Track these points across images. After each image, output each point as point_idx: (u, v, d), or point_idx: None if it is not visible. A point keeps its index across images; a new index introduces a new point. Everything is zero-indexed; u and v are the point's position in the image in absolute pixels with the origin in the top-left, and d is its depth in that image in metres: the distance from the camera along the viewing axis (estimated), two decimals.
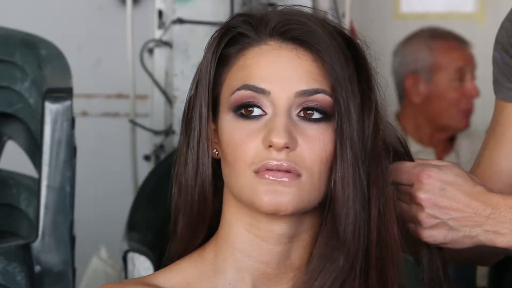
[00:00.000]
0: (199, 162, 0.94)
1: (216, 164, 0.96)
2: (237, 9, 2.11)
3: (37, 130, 1.43)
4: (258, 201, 0.89)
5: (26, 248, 1.37)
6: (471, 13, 3.05)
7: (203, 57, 0.96)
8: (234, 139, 0.91)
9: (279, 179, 0.89)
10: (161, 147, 2.34)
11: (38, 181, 1.39)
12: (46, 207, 1.37)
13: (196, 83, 0.96)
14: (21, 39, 1.57)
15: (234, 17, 0.97)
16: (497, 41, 1.19)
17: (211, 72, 0.94)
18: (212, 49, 0.95)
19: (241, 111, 0.91)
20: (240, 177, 0.90)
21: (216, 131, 0.95)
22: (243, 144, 0.90)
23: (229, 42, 0.95)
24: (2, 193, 1.56)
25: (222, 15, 2.06)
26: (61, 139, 1.39)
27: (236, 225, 0.94)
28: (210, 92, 0.94)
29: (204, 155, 0.94)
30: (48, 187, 1.37)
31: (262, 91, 0.90)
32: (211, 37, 0.96)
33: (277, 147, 0.88)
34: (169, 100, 2.20)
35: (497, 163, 1.19)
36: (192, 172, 0.95)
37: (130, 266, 1.69)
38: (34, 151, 1.47)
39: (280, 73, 0.91)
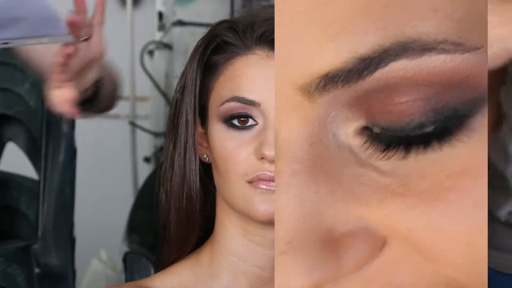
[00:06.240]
0: (186, 169, 0.93)
1: (204, 167, 0.94)
2: (237, 11, 2.11)
3: (38, 132, 1.43)
4: (254, 212, 0.87)
5: (26, 249, 1.37)
6: None
7: (189, 63, 0.94)
8: (225, 150, 0.89)
9: (273, 188, 0.89)
10: (161, 149, 2.35)
11: (38, 183, 1.39)
12: (46, 209, 1.37)
13: (182, 88, 0.94)
14: None
15: (218, 24, 0.94)
16: None
17: (198, 79, 0.93)
18: (198, 56, 0.93)
19: (231, 122, 0.90)
20: (233, 187, 0.89)
21: (205, 135, 0.93)
22: (235, 155, 0.88)
23: (215, 49, 0.93)
24: (3, 195, 1.56)
25: (222, 17, 2.06)
26: (61, 141, 1.39)
27: (230, 229, 0.93)
28: (197, 99, 0.93)
29: (191, 162, 0.93)
30: (48, 189, 1.37)
31: (252, 103, 0.88)
32: (197, 45, 0.94)
33: (269, 159, 0.87)
34: (169, 102, 2.20)
35: None
36: (179, 178, 0.93)
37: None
38: (34, 153, 1.47)
39: (269, 83, 0.90)
